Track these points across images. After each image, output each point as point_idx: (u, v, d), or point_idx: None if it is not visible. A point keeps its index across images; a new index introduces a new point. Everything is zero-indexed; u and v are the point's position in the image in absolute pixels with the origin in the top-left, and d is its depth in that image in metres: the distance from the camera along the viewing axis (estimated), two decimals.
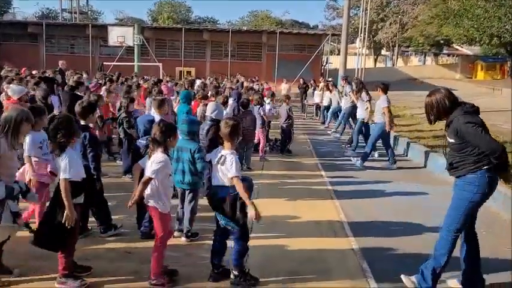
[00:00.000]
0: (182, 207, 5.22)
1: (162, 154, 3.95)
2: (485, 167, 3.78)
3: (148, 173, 3.89)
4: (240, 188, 3.84)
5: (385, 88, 9.45)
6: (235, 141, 4.09)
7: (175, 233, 5.00)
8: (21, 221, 3.84)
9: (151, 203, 4.03)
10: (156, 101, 6.35)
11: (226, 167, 3.93)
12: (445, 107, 3.86)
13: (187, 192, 5.13)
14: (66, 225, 3.77)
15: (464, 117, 3.77)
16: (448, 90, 3.97)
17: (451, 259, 3.95)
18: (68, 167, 3.77)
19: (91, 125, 5.20)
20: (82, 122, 4.97)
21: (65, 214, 3.75)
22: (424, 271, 3.97)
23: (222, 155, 4.00)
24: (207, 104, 7.52)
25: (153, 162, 3.89)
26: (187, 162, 4.97)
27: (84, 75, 14.91)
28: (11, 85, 7.96)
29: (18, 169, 4.86)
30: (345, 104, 13.21)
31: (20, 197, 3.89)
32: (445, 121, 3.97)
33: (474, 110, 3.85)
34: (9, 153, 3.82)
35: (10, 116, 3.85)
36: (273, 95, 11.40)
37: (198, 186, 5.20)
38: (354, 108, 11.89)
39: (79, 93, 9.12)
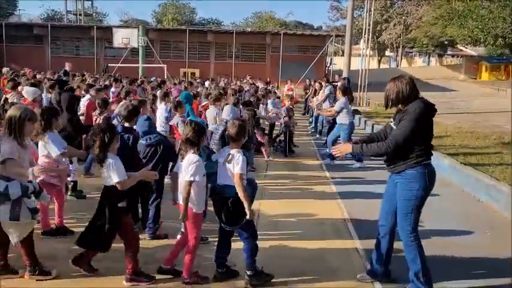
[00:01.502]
0: None
1: (194, 155, 3.92)
2: (424, 162, 3.75)
3: (187, 177, 3.85)
4: (240, 186, 3.89)
5: (344, 91, 9.66)
6: (242, 141, 4.13)
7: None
8: (39, 216, 3.95)
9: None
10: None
11: (232, 165, 3.95)
12: (404, 95, 3.76)
13: None
14: (147, 179, 4.26)
15: (423, 107, 3.69)
16: (411, 79, 3.86)
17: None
18: (117, 172, 3.81)
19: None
20: (126, 124, 5.02)
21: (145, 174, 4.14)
22: (412, 279, 3.94)
23: (229, 154, 4.02)
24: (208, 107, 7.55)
25: (190, 164, 3.87)
26: None
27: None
28: (25, 87, 8.05)
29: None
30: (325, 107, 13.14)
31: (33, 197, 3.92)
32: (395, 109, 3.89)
33: (434, 108, 3.80)
34: (20, 153, 3.82)
35: (14, 114, 3.85)
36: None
37: None
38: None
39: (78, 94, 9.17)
